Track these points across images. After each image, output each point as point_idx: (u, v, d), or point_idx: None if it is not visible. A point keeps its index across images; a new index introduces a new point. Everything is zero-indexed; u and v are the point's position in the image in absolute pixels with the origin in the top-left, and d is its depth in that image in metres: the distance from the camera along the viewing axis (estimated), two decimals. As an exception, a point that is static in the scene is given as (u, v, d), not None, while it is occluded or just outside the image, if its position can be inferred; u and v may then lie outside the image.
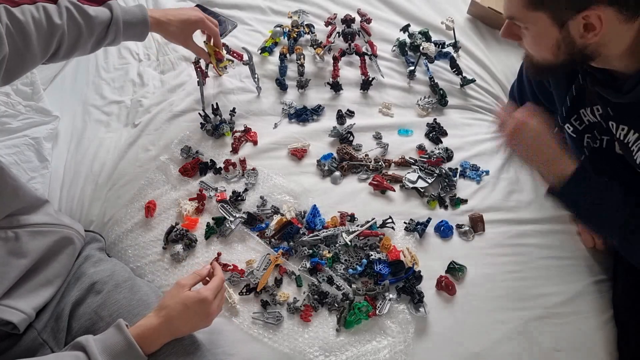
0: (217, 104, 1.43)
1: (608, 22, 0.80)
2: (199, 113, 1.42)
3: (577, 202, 1.02)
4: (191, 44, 1.32)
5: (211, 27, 1.31)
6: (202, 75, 1.44)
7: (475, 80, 1.49)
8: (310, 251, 1.20)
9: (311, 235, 1.21)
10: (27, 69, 1.00)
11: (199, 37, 1.36)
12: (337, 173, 1.33)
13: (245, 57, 1.47)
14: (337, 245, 1.21)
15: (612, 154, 1.04)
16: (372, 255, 1.18)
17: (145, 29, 1.19)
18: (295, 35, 1.58)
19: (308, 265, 1.17)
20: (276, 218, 1.25)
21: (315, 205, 1.26)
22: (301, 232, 1.23)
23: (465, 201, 1.29)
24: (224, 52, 1.40)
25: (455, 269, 1.17)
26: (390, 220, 1.23)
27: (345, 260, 1.20)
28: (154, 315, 0.92)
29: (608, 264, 1.20)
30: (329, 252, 1.19)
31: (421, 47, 1.50)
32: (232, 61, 1.44)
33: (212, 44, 1.37)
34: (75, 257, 1.10)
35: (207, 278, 1.04)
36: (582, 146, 1.10)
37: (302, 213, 1.27)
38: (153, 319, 0.91)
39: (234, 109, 1.44)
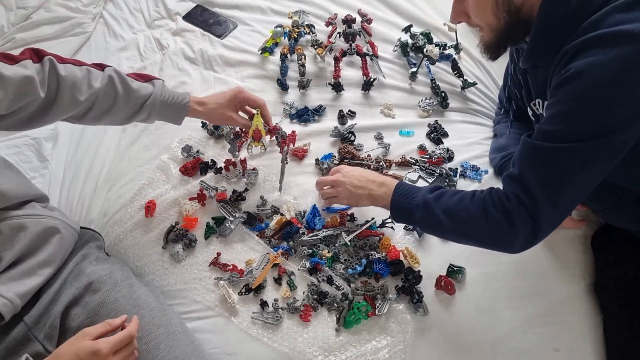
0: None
1: None
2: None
3: (411, 212, 1.02)
4: (234, 118, 1.24)
5: (252, 98, 1.25)
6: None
7: (476, 84, 1.49)
8: (310, 251, 1.20)
9: (311, 235, 1.21)
10: (51, 120, 1.03)
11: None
12: (337, 173, 1.33)
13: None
14: (336, 245, 1.21)
15: None
16: (371, 255, 1.18)
17: (182, 112, 1.17)
18: (295, 36, 1.58)
19: (308, 265, 1.17)
20: (276, 218, 1.25)
21: (315, 205, 1.26)
22: (301, 231, 1.23)
23: (465, 201, 1.29)
24: (265, 132, 1.29)
25: (454, 272, 1.16)
26: (389, 220, 1.23)
27: (345, 260, 1.20)
28: None
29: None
30: (328, 252, 1.19)
31: (425, 50, 1.50)
32: (265, 148, 1.36)
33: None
34: (64, 246, 1.08)
35: (122, 329, 0.92)
36: None
37: (302, 213, 1.27)
38: None
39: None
